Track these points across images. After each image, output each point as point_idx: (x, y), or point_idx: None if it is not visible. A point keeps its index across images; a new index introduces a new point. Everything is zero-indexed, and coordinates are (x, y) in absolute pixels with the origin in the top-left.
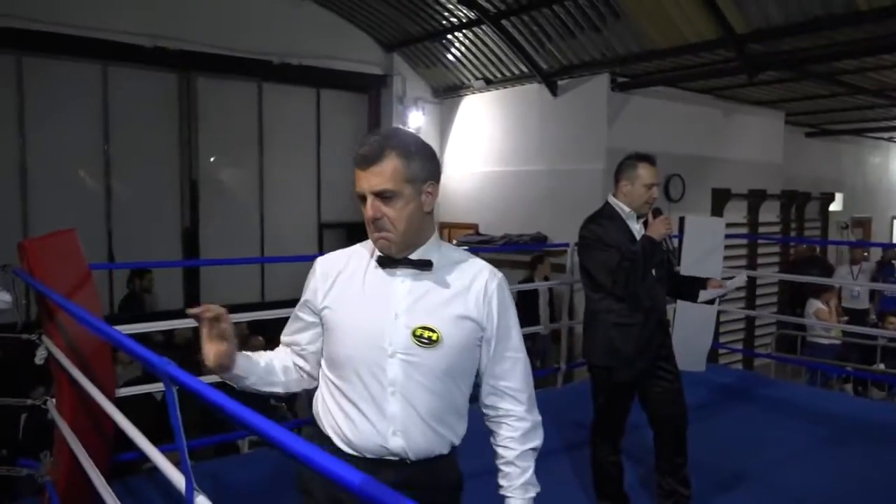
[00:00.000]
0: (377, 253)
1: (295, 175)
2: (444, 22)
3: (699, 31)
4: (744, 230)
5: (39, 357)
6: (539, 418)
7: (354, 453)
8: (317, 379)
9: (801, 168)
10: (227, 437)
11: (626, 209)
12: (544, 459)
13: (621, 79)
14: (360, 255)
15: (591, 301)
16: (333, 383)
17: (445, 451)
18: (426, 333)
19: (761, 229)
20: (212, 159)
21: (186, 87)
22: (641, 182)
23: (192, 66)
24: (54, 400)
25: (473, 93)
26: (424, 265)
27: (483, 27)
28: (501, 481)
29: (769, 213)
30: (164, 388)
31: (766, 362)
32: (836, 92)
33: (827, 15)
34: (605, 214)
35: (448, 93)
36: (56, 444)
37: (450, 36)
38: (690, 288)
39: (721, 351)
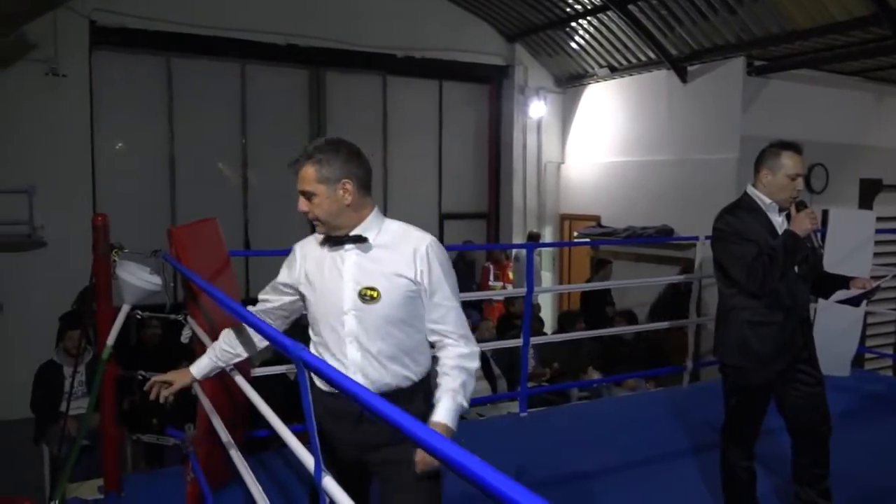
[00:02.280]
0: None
1: (417, 166)
2: (567, 9)
3: (848, 8)
4: None
5: (185, 336)
6: (476, 349)
7: (331, 390)
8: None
9: None
10: None
11: (767, 200)
12: (669, 459)
13: (758, 62)
14: (319, 238)
15: (724, 297)
16: (314, 338)
17: (405, 385)
18: (368, 292)
19: None
20: None
21: (316, 81)
22: (784, 172)
23: (321, 61)
24: None
25: (597, 81)
26: (359, 240)
27: (609, 13)
28: (436, 391)
29: None
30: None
31: None
32: None
33: None
34: (744, 206)
35: (571, 82)
36: (199, 417)
37: (574, 23)
38: (832, 284)
39: (868, 355)
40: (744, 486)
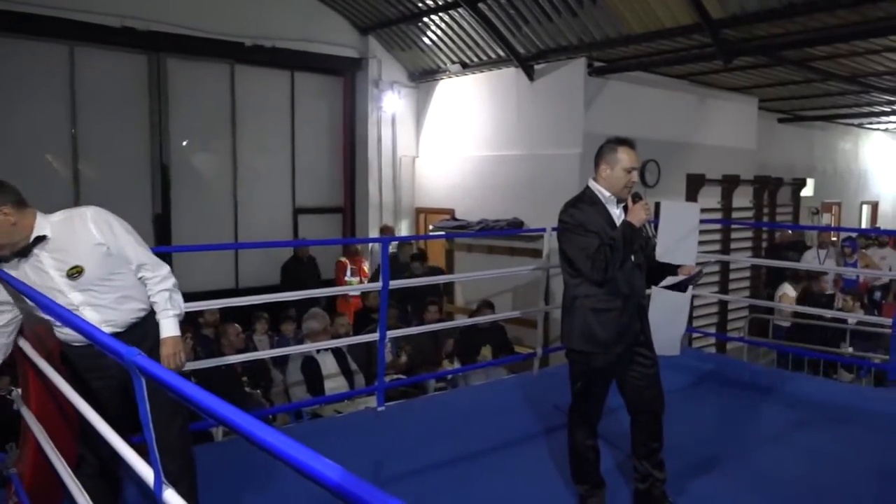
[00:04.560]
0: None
1: (269, 159)
2: (420, 4)
3: (676, 17)
4: (718, 215)
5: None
6: (165, 270)
7: (84, 343)
8: (9, 341)
9: (774, 154)
10: (200, 425)
11: (607, 193)
12: (521, 443)
13: (598, 63)
14: (6, 258)
15: (569, 287)
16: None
17: (142, 314)
18: (74, 271)
19: (735, 214)
20: (184, 143)
21: (157, 68)
22: (621, 166)
23: (162, 47)
24: (20, 390)
25: (450, 77)
26: (41, 240)
27: (459, 10)
28: (156, 311)
29: (742, 199)
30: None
31: (739, 346)
32: (809, 78)
33: (802, 1)
34: (586, 199)
35: (424, 76)
36: (22, 435)
37: (426, 19)
38: (663, 273)
39: (695, 335)
40: (589, 464)
